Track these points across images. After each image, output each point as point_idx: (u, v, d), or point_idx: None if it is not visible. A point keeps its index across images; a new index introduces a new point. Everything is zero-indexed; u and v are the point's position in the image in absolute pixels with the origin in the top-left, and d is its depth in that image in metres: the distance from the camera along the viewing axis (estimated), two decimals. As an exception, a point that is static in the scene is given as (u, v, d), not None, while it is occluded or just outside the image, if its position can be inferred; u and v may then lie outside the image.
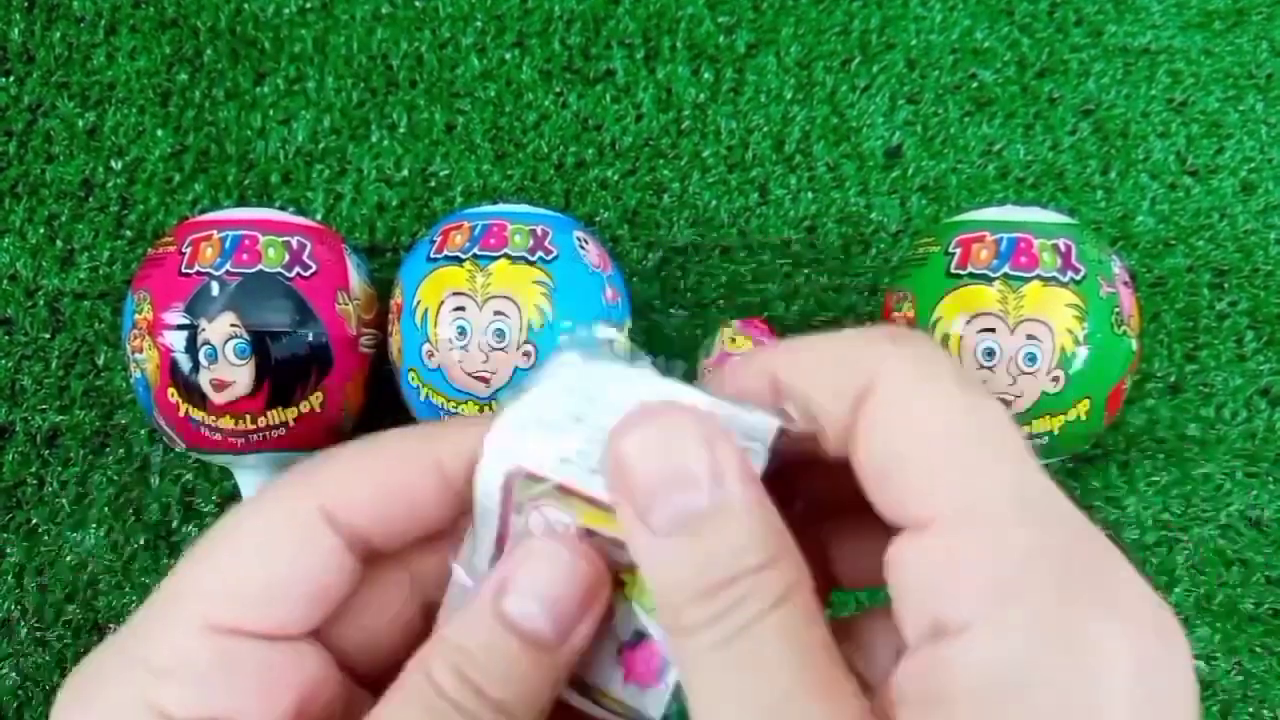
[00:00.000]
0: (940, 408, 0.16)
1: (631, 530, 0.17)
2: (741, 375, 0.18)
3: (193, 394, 0.37)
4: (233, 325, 0.36)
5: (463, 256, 0.37)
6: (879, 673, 0.18)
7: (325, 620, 0.19)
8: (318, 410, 0.38)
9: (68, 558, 0.43)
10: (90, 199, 0.47)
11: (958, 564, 0.15)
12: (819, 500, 0.20)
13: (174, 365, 0.37)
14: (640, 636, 0.19)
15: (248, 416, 0.37)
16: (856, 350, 0.17)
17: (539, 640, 0.17)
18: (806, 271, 0.47)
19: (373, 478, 0.18)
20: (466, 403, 0.37)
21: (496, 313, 0.37)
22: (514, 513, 0.19)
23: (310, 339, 0.37)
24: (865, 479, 0.17)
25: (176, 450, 0.43)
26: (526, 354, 0.37)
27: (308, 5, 0.50)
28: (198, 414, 0.37)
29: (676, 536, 0.16)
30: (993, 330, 0.36)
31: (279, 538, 0.18)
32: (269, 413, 0.37)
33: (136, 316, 0.38)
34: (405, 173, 0.48)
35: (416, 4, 0.50)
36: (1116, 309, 0.37)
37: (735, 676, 0.15)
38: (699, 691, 0.16)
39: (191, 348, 0.36)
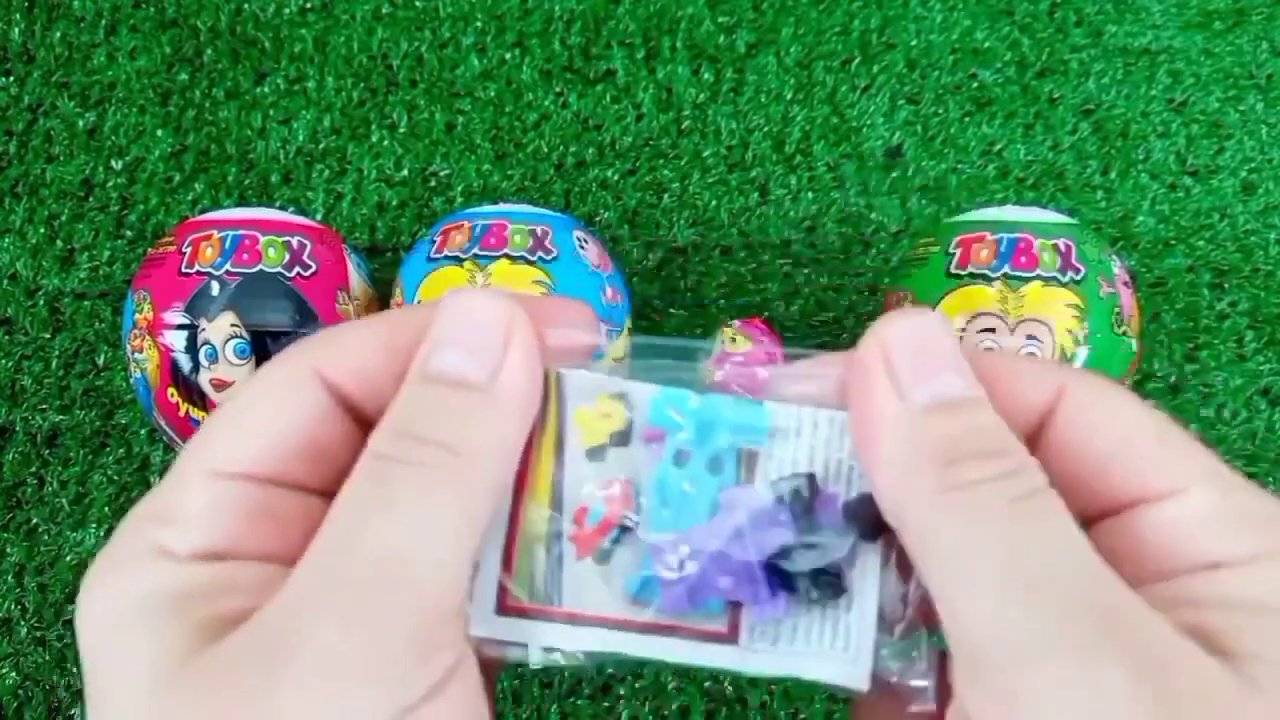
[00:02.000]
0: (1134, 402, 0.18)
1: (877, 403, 0.17)
2: (935, 356, 0.18)
3: (193, 394, 0.37)
4: (233, 325, 0.36)
5: (463, 256, 0.37)
6: None
7: (327, 476, 0.19)
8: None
9: (68, 558, 0.43)
10: (90, 199, 0.47)
11: (1230, 510, 0.17)
12: None
13: (174, 365, 0.37)
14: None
15: (248, 416, 0.37)
16: (1037, 365, 0.19)
17: (469, 383, 0.18)
18: (806, 271, 0.47)
19: (361, 346, 0.19)
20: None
21: (496, 313, 0.37)
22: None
23: (310, 339, 0.37)
24: (1081, 465, 0.18)
25: (176, 450, 0.43)
26: (526, 354, 0.37)
27: (308, 5, 0.50)
28: (198, 414, 0.37)
29: (940, 410, 0.17)
30: (993, 330, 0.36)
31: (272, 393, 0.19)
32: (269, 413, 0.37)
33: (136, 316, 0.38)
34: (405, 173, 0.48)
35: (416, 4, 0.50)
36: (1116, 309, 0.37)
37: (1034, 533, 0.16)
38: (984, 561, 0.16)
39: (192, 347, 0.36)
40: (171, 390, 0.37)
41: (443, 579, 0.17)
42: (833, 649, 0.19)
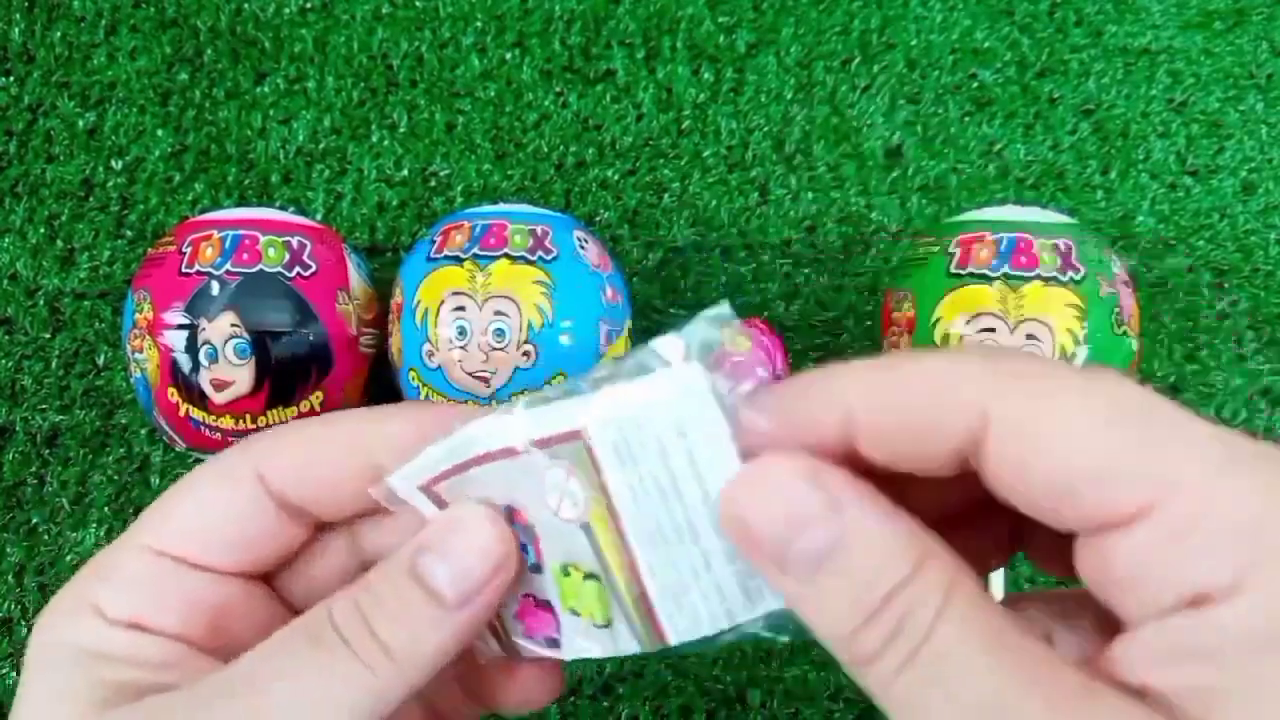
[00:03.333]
0: (1069, 412, 0.16)
1: (781, 585, 0.17)
2: (804, 407, 0.17)
3: (193, 394, 0.37)
4: (233, 325, 0.36)
5: (463, 256, 0.37)
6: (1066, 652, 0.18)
7: (258, 565, 0.21)
8: (318, 410, 0.38)
9: (68, 558, 0.43)
10: (90, 199, 0.47)
11: (1208, 522, 0.15)
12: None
13: (174, 365, 0.37)
14: (548, 605, 0.21)
15: (248, 416, 0.37)
16: (955, 385, 0.17)
17: (438, 597, 0.19)
18: (806, 271, 0.47)
19: (303, 452, 0.21)
20: (467, 402, 0.37)
21: (497, 312, 0.37)
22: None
23: (310, 339, 0.37)
24: (1029, 498, 0.16)
25: (176, 450, 0.43)
26: (526, 354, 0.37)
27: (308, 5, 0.50)
28: (198, 414, 0.37)
29: (820, 577, 0.16)
30: (993, 330, 0.36)
31: (214, 489, 0.21)
32: (269, 413, 0.37)
33: (136, 316, 0.38)
34: (405, 173, 0.48)
35: (416, 4, 0.50)
36: (1116, 309, 0.37)
37: (935, 692, 0.15)
38: (909, 715, 0.16)
39: (192, 347, 0.36)
40: (171, 390, 0.37)
41: None
42: None
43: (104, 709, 0.19)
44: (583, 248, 0.39)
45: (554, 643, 0.21)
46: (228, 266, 0.37)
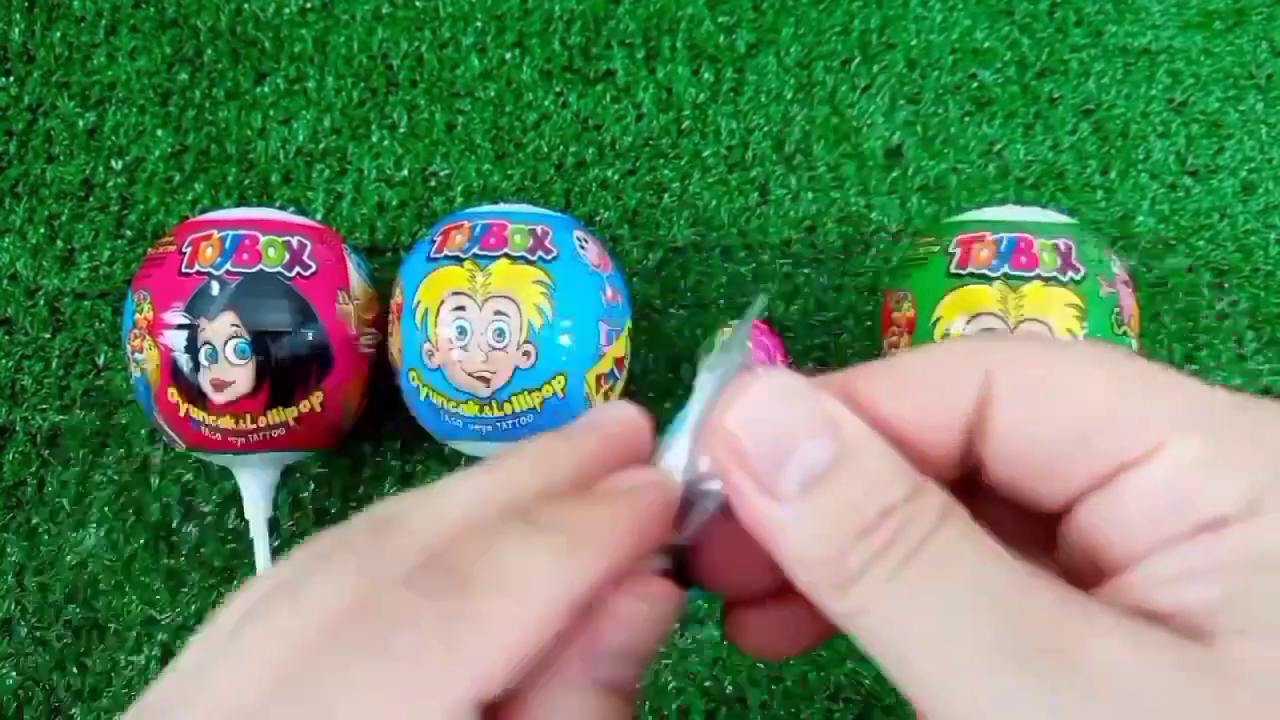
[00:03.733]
0: (1074, 367, 0.16)
1: (757, 509, 0.16)
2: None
3: (193, 394, 0.37)
4: (233, 325, 0.36)
5: (463, 256, 0.37)
6: None
7: None
8: (318, 410, 0.38)
9: (68, 558, 0.43)
10: (90, 199, 0.47)
11: (1219, 451, 0.15)
12: None
13: (174, 365, 0.37)
14: None
15: (248, 416, 0.37)
16: (956, 355, 0.17)
17: (617, 685, 0.17)
18: (806, 271, 0.47)
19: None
20: (466, 403, 0.37)
21: (497, 312, 0.37)
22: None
23: (310, 339, 0.37)
24: (1037, 451, 0.16)
25: (176, 450, 0.43)
26: (526, 354, 0.37)
27: (308, 5, 0.50)
28: (198, 414, 0.37)
29: (811, 495, 0.15)
30: (993, 330, 0.36)
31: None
32: (269, 412, 0.37)
33: (137, 316, 0.38)
34: (405, 173, 0.48)
35: (416, 4, 0.50)
36: (1116, 309, 0.37)
37: (933, 594, 0.14)
38: (894, 631, 0.15)
39: (192, 347, 0.36)
40: (171, 390, 0.37)
41: (545, 614, 0.16)
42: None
43: None
44: (583, 248, 0.39)
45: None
46: (228, 266, 0.37)
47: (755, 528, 0.16)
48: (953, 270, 0.38)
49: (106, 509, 0.44)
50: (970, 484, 0.17)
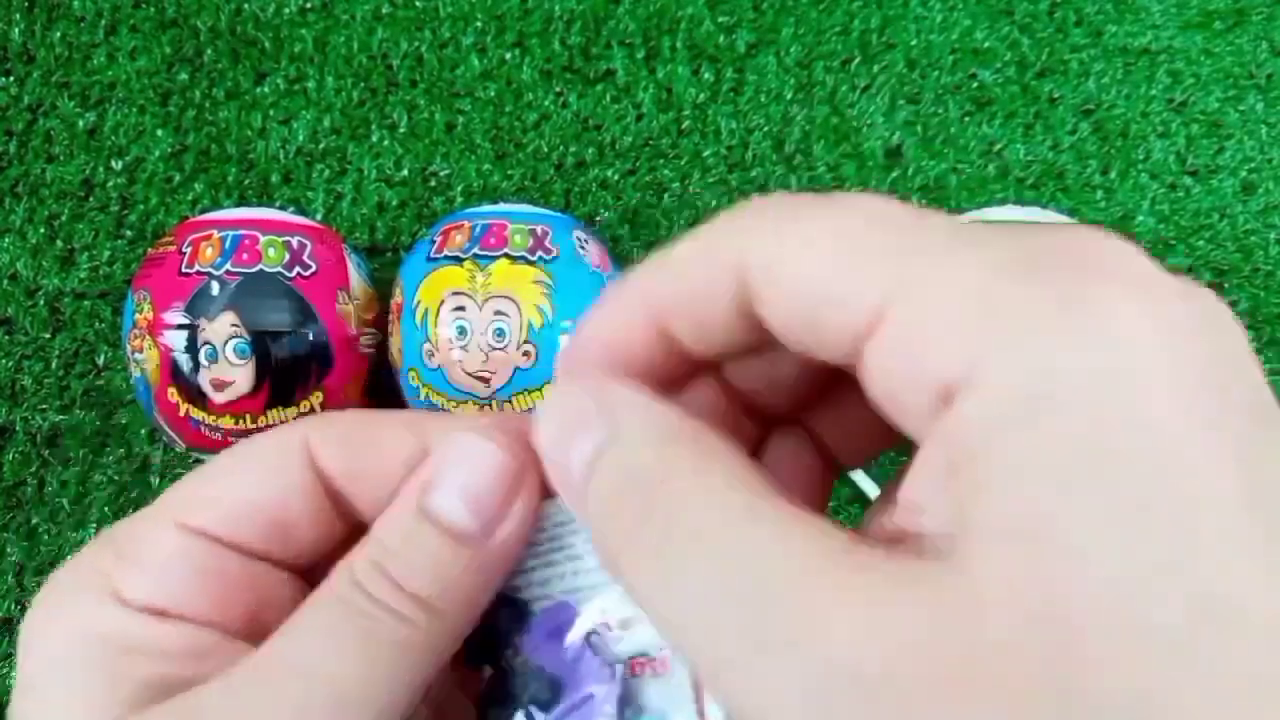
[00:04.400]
0: (820, 231, 0.15)
1: (584, 520, 0.17)
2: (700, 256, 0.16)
3: (193, 394, 0.37)
4: (233, 325, 0.36)
5: (463, 256, 0.37)
6: None
7: (298, 553, 0.19)
8: (318, 410, 0.38)
9: (68, 558, 0.43)
10: (90, 199, 0.47)
11: (933, 321, 0.13)
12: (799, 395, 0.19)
13: (174, 365, 0.37)
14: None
15: (248, 416, 0.37)
16: (722, 230, 0.16)
17: (462, 534, 0.17)
18: (806, 271, 0.47)
19: (353, 428, 0.19)
20: (466, 402, 0.37)
21: (497, 312, 0.37)
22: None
23: (310, 339, 0.37)
24: (792, 338, 0.16)
25: (176, 450, 0.43)
26: (526, 354, 0.37)
27: (308, 5, 0.50)
28: (198, 414, 0.37)
29: (591, 480, 0.16)
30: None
31: (257, 462, 0.19)
32: (269, 413, 0.37)
33: (137, 316, 0.38)
34: (405, 173, 0.48)
35: (416, 4, 0.50)
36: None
37: (686, 579, 0.14)
38: (669, 616, 0.15)
39: (192, 347, 0.36)
40: (171, 390, 0.37)
41: (389, 712, 0.17)
42: None
43: (131, 710, 0.16)
44: (583, 248, 0.39)
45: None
46: (228, 266, 0.37)
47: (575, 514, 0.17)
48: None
49: (106, 509, 0.44)
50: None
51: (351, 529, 0.20)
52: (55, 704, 0.17)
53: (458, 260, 0.37)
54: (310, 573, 0.20)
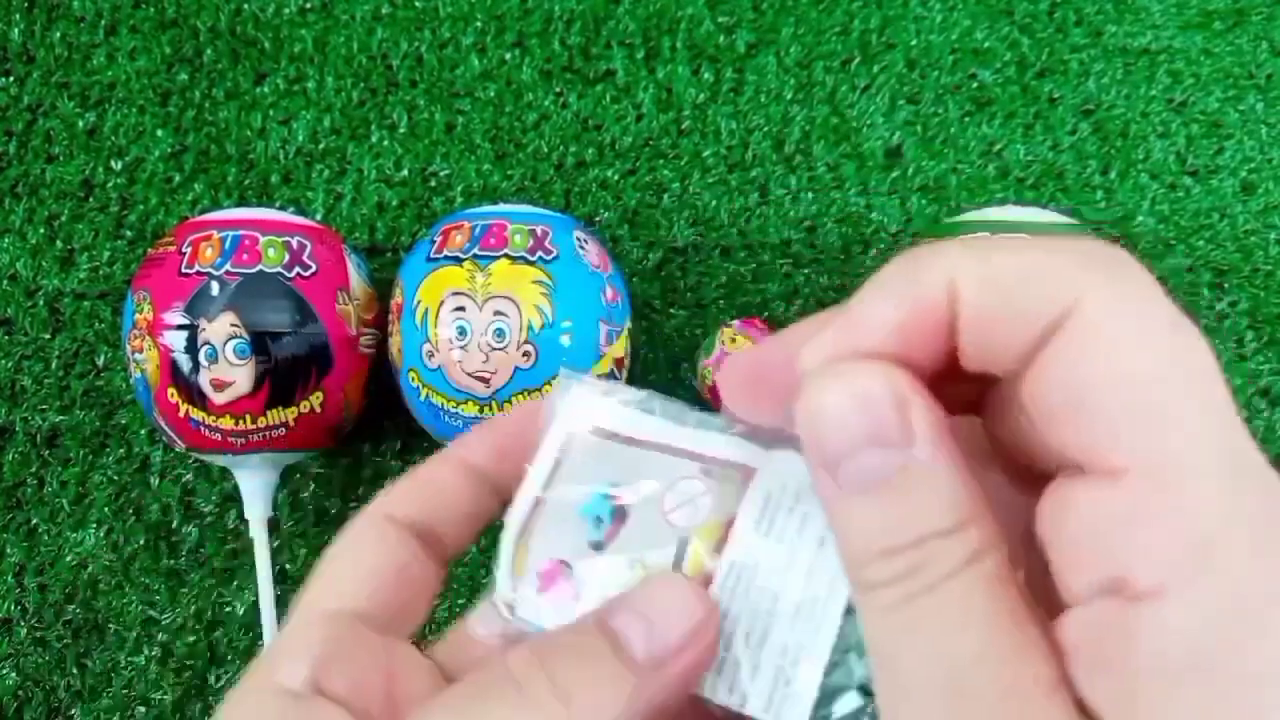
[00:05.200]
0: (1149, 344, 0.14)
1: (818, 481, 0.17)
2: (909, 276, 0.16)
3: (193, 394, 0.37)
4: (233, 325, 0.36)
5: (463, 256, 0.37)
6: None
7: (414, 609, 0.22)
8: (318, 410, 0.38)
9: (68, 558, 0.43)
10: (90, 199, 0.47)
11: (1153, 519, 0.14)
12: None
13: (174, 365, 0.37)
14: (571, 577, 0.20)
15: (248, 416, 0.37)
16: (1054, 269, 0.15)
17: (628, 653, 0.18)
18: (806, 271, 0.47)
19: (413, 477, 0.22)
20: (466, 403, 0.37)
21: (496, 313, 0.37)
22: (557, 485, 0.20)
23: (310, 339, 0.37)
24: (1042, 411, 0.15)
25: (176, 450, 0.43)
26: (526, 354, 0.37)
27: (308, 5, 0.50)
28: (198, 414, 0.37)
29: (865, 495, 0.16)
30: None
31: (358, 538, 0.22)
32: (269, 413, 0.37)
33: (136, 316, 0.37)
34: (405, 173, 0.48)
35: (416, 4, 0.50)
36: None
37: (919, 638, 0.15)
38: (881, 650, 0.16)
39: (191, 348, 0.36)
40: (171, 390, 0.37)
41: None
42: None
43: None
44: (583, 248, 0.39)
45: (561, 612, 0.20)
46: (228, 267, 0.37)
47: (819, 496, 0.17)
48: (953, 270, 0.38)
49: (106, 509, 0.44)
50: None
51: (445, 569, 0.23)
52: None
53: (458, 260, 0.37)
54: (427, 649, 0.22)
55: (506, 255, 0.37)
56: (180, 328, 0.36)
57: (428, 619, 0.23)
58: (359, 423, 0.42)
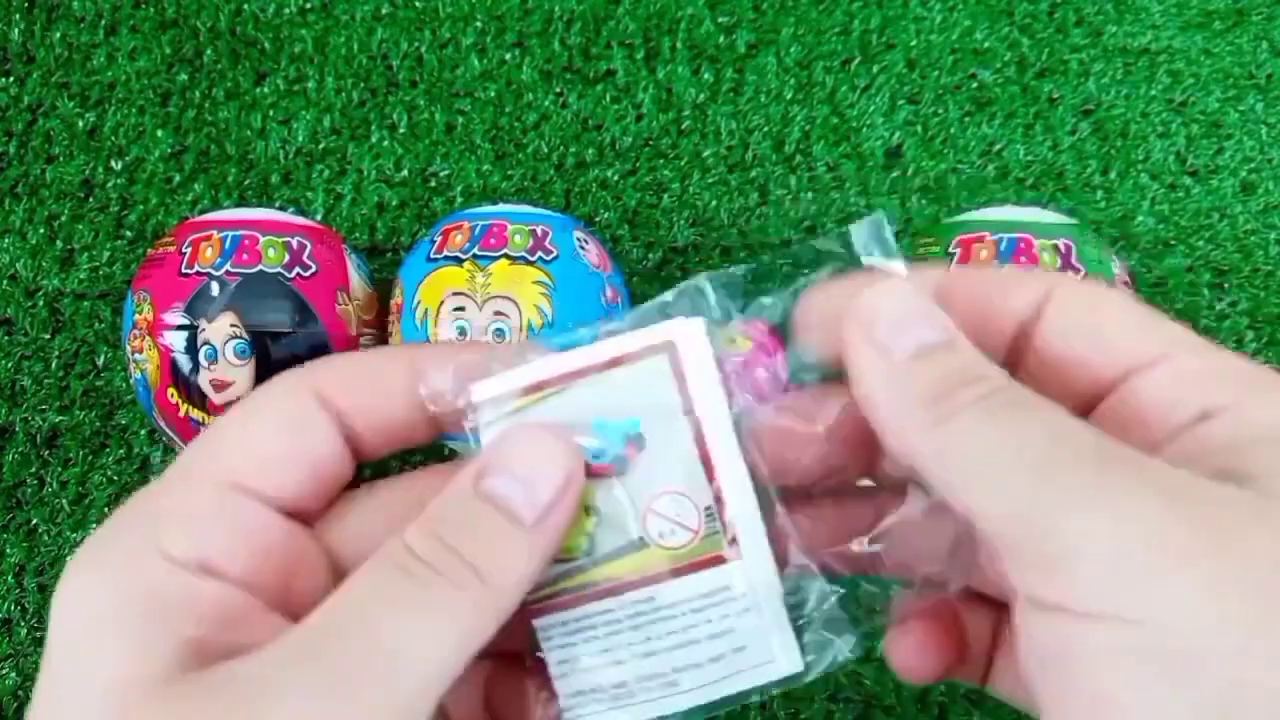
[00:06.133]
0: (1117, 296, 0.20)
1: (876, 372, 0.19)
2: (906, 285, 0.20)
3: (193, 394, 0.37)
4: (233, 325, 0.36)
5: (463, 256, 0.37)
6: None
7: (321, 494, 0.20)
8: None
9: (68, 558, 0.43)
10: (90, 199, 0.47)
11: (1211, 367, 0.18)
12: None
13: (174, 365, 0.37)
14: None
15: (248, 417, 0.37)
16: (1024, 273, 0.21)
17: (516, 516, 0.18)
18: (806, 271, 0.47)
19: (359, 366, 0.20)
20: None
21: (496, 313, 0.37)
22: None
23: (310, 339, 0.37)
24: (1073, 351, 0.19)
25: (176, 450, 0.43)
26: (526, 354, 0.37)
27: (308, 5, 0.50)
28: (198, 414, 0.37)
29: (923, 359, 0.19)
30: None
31: (275, 408, 0.20)
32: (269, 413, 0.37)
33: (136, 316, 0.38)
34: (405, 173, 0.48)
35: (416, 4, 0.50)
36: (1116, 309, 0.37)
37: (1030, 419, 0.17)
38: (986, 455, 0.18)
39: (191, 348, 0.36)
40: (171, 390, 0.37)
41: (426, 692, 0.17)
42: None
43: (169, 672, 0.16)
44: (583, 248, 0.39)
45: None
46: (227, 267, 0.37)
47: (861, 388, 0.19)
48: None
49: (106, 509, 0.44)
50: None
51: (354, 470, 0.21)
52: (90, 662, 0.16)
53: (458, 261, 0.37)
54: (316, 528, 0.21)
55: (506, 255, 0.37)
56: (180, 328, 0.36)
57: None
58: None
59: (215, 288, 0.37)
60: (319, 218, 0.47)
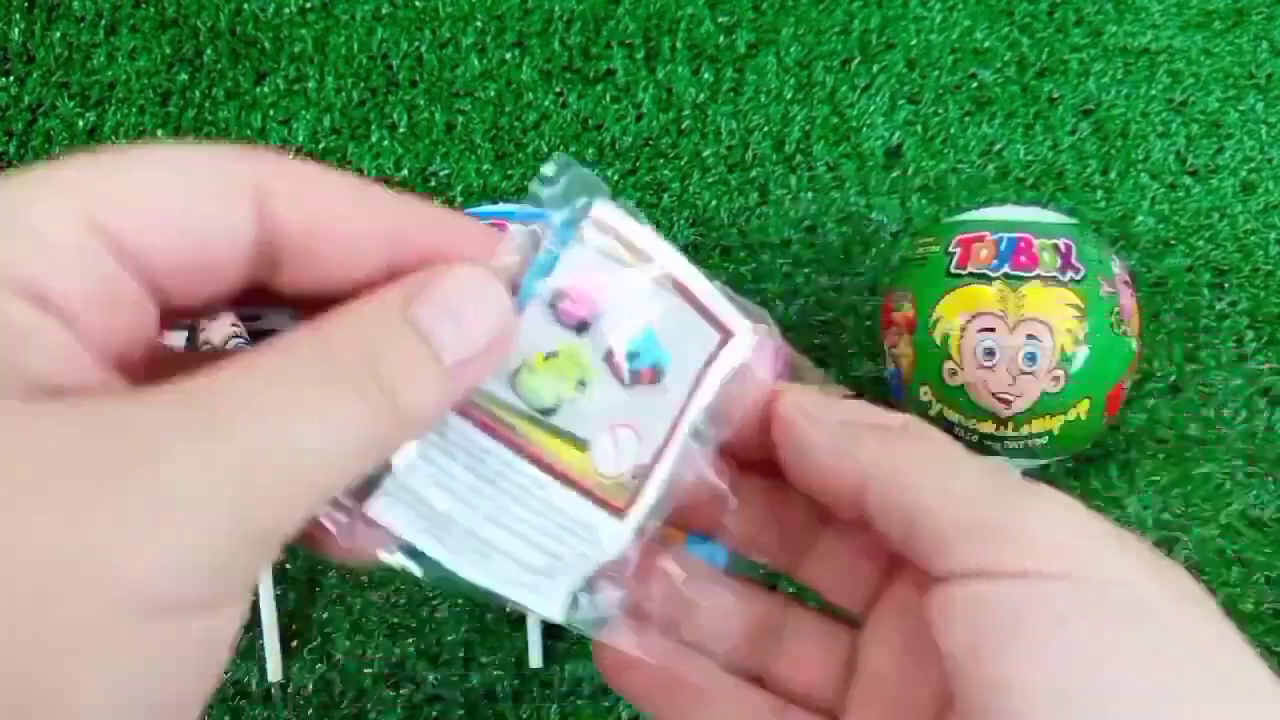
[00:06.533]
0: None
1: (813, 432, 0.23)
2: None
3: (193, 394, 0.37)
4: (233, 325, 0.36)
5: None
6: None
7: (197, 298, 0.19)
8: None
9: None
10: (90, 199, 0.47)
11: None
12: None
13: (174, 365, 0.37)
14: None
15: (248, 416, 0.37)
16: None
17: (438, 353, 0.17)
18: (806, 271, 0.47)
19: (314, 186, 0.18)
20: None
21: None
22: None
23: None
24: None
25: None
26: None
27: (308, 5, 0.50)
28: (198, 414, 0.37)
29: (844, 419, 0.23)
30: (993, 330, 0.36)
31: (191, 179, 0.17)
32: (269, 412, 0.37)
33: (136, 316, 0.37)
34: (405, 173, 0.48)
35: (416, 4, 0.50)
36: (1116, 309, 0.37)
37: (940, 436, 0.22)
38: (929, 454, 0.22)
39: (192, 347, 0.36)
40: (171, 390, 0.37)
41: (311, 483, 0.16)
42: None
43: (28, 398, 0.14)
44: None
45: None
46: (228, 266, 0.37)
47: (809, 445, 0.23)
48: (953, 270, 0.38)
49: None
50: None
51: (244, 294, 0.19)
52: None
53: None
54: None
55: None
56: (180, 327, 0.36)
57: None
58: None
59: (215, 287, 0.37)
60: (319, 217, 0.47)
